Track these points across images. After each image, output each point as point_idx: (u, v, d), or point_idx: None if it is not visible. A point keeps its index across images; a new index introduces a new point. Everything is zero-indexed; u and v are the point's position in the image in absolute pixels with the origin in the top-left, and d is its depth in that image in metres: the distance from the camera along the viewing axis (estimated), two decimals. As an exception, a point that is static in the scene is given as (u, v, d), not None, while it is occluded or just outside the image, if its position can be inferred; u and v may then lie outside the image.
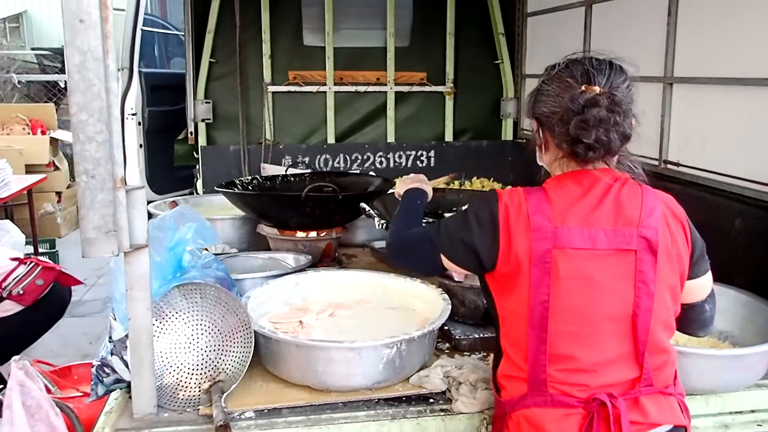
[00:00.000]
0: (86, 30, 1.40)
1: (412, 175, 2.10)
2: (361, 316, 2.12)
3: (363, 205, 2.17)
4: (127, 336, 1.76)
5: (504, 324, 1.51)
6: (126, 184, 1.48)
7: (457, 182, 4.27)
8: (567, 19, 3.61)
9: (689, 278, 1.52)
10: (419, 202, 1.92)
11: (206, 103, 4.08)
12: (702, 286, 1.58)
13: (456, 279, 2.22)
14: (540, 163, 1.61)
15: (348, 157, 4.31)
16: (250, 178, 3.20)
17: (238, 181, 3.09)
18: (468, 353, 2.06)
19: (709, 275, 1.59)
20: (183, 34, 4.22)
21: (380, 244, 3.13)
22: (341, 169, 4.27)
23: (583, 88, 1.42)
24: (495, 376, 1.56)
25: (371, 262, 3.07)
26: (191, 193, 4.38)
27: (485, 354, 2.04)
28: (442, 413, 1.75)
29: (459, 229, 1.54)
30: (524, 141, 4.37)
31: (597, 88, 1.41)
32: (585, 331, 1.41)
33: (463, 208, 1.81)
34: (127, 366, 1.79)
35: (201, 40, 4.05)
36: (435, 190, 3.03)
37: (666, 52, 2.72)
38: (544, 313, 1.41)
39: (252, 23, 4.10)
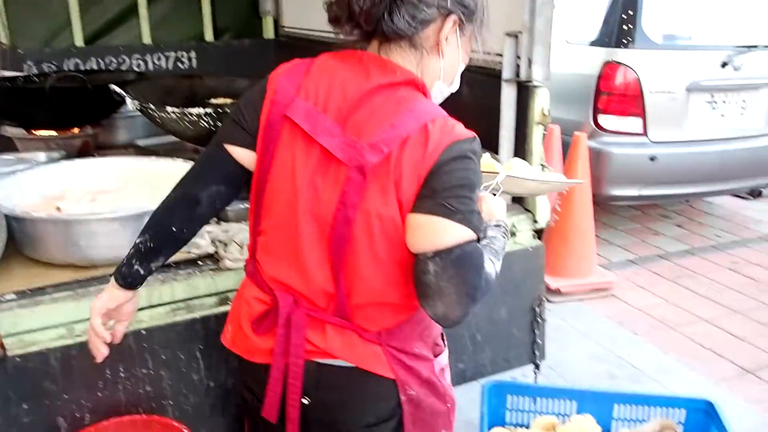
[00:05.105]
0: None
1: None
2: (124, 200, 2.11)
3: (113, 86, 2.12)
4: None
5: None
6: None
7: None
8: None
9: (410, 211, 1.18)
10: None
11: None
12: (420, 226, 1.17)
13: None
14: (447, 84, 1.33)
15: (102, 62, 4.06)
16: (-14, 80, 2.91)
17: (-28, 83, 2.81)
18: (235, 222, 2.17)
19: (439, 223, 1.15)
20: None
21: (145, 142, 3.06)
22: (95, 74, 4.01)
23: None
24: None
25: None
26: None
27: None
28: (212, 272, 1.87)
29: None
30: (286, 39, 4.43)
31: None
32: (285, 213, 1.26)
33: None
34: None
35: None
36: (191, 77, 3.04)
37: None
38: (263, 185, 1.29)
39: None
